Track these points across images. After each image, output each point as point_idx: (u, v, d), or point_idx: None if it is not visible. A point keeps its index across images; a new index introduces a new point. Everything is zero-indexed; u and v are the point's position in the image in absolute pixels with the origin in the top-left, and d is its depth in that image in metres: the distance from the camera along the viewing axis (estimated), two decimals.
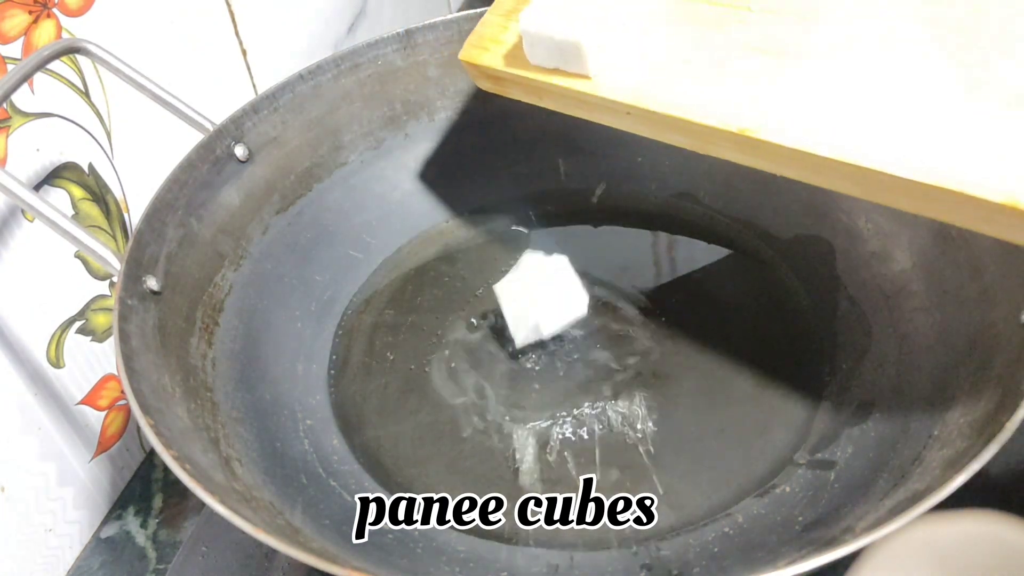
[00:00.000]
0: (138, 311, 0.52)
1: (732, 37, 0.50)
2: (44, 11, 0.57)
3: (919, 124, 0.42)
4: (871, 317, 0.59)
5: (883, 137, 0.42)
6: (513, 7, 0.61)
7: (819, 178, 0.45)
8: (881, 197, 0.43)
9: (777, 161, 0.46)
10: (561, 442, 0.56)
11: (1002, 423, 0.41)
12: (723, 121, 0.46)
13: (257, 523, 0.43)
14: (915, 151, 0.41)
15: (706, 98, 0.48)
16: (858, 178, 0.43)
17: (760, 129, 0.45)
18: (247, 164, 0.65)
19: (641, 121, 0.51)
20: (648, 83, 0.50)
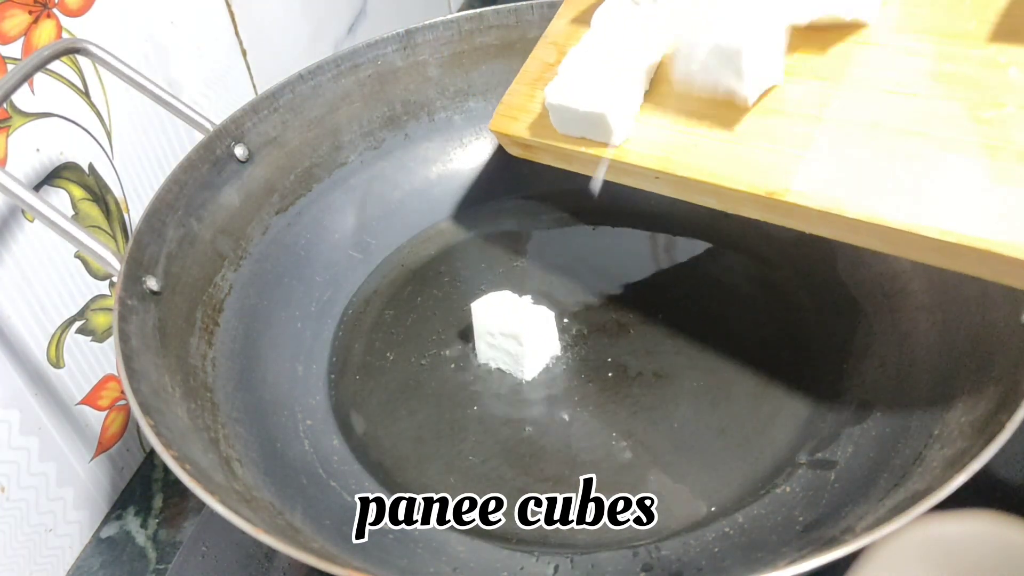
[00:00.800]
0: (138, 311, 0.52)
1: (755, 100, 0.50)
2: (44, 11, 0.57)
3: (941, 181, 0.42)
4: (871, 317, 0.59)
5: (906, 195, 0.43)
6: (538, 76, 0.62)
7: (848, 236, 0.46)
8: (909, 253, 0.44)
9: (806, 221, 0.47)
10: (562, 439, 0.56)
11: (1002, 423, 0.41)
12: (752, 185, 0.47)
13: (257, 523, 0.43)
14: (939, 208, 0.42)
15: (734, 162, 0.49)
16: (885, 237, 0.44)
17: (787, 192, 0.46)
18: (247, 164, 0.65)
19: (670, 184, 0.52)
20: (675, 147, 0.51)
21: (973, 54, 0.45)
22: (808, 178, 0.46)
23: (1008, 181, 0.41)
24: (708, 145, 0.51)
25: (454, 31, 0.72)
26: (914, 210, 0.42)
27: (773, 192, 0.47)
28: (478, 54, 0.73)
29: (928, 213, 0.42)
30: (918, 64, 0.46)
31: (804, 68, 0.50)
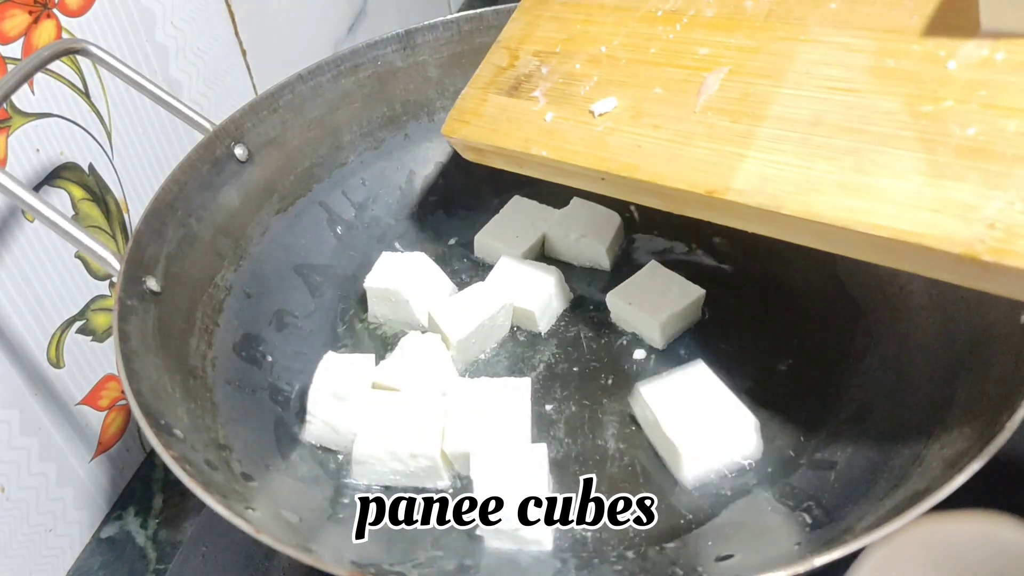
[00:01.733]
0: (138, 311, 0.52)
1: (699, 100, 0.51)
2: (44, 11, 0.57)
3: (878, 177, 0.42)
4: (871, 317, 0.59)
5: (843, 192, 0.43)
6: (491, 80, 0.63)
7: (790, 234, 0.46)
8: (848, 251, 0.45)
9: (746, 220, 0.47)
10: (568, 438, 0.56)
11: (1002, 423, 0.41)
12: (692, 184, 0.48)
13: (257, 523, 0.43)
14: (875, 204, 0.42)
15: (676, 162, 0.49)
16: (824, 234, 0.44)
17: (727, 191, 0.46)
18: (247, 164, 0.65)
19: (614, 185, 0.53)
20: (619, 148, 0.52)
21: (913, 49, 0.45)
22: (748, 177, 0.46)
23: (944, 175, 0.41)
24: (651, 145, 0.51)
25: (454, 31, 0.72)
26: (851, 207, 0.42)
27: (713, 191, 0.47)
28: (478, 54, 0.73)
29: (864, 209, 0.42)
30: (858, 60, 0.47)
31: (748, 67, 0.50)
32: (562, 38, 0.60)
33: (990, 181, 0.39)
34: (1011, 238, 0.38)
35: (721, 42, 0.52)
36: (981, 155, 0.40)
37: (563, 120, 0.56)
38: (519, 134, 0.58)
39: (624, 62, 0.56)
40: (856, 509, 0.46)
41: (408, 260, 0.65)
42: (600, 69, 0.56)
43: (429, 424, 0.53)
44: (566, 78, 0.58)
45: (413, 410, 0.54)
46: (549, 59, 0.60)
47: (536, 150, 0.56)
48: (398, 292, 0.63)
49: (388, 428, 0.53)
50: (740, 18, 0.52)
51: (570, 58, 0.59)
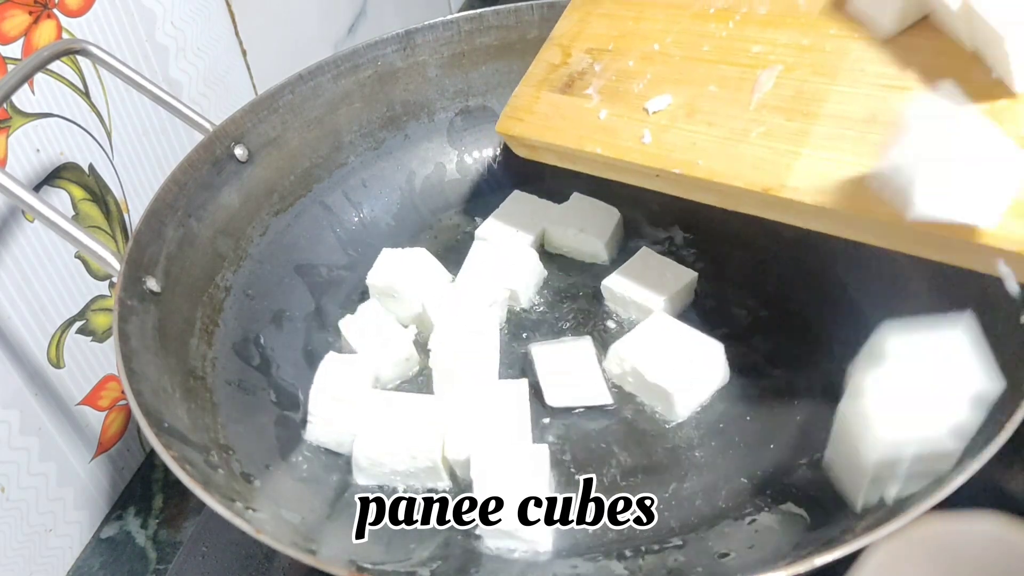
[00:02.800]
0: (138, 312, 0.52)
1: (753, 97, 0.51)
2: (44, 11, 0.57)
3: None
4: (871, 317, 0.59)
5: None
6: (544, 77, 0.63)
7: (843, 230, 0.47)
8: (902, 247, 0.46)
9: (802, 216, 0.48)
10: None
11: (1002, 423, 0.41)
12: (749, 182, 0.48)
13: (257, 524, 0.43)
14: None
15: (732, 159, 0.49)
16: (878, 231, 0.45)
17: (782, 188, 0.47)
18: (247, 165, 0.65)
19: (670, 183, 0.53)
20: (675, 146, 0.52)
21: (966, 48, 0.45)
22: (803, 174, 0.46)
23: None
24: (706, 143, 0.51)
25: (454, 32, 0.72)
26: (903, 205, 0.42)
27: (769, 188, 0.47)
28: (478, 55, 0.73)
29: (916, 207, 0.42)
30: (913, 57, 0.46)
31: (801, 64, 0.50)
32: (615, 35, 0.60)
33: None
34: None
35: (774, 39, 0.52)
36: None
37: (617, 117, 0.56)
38: (573, 131, 0.58)
39: (677, 59, 0.55)
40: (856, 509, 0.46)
41: (409, 256, 0.65)
42: (653, 67, 0.56)
43: (429, 425, 0.53)
44: (619, 75, 0.58)
45: (413, 411, 0.54)
46: (602, 56, 0.60)
47: (591, 147, 0.56)
48: (400, 288, 0.63)
49: (388, 429, 0.53)
50: (793, 15, 0.52)
51: (623, 55, 0.59)
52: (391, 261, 0.65)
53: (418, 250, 0.66)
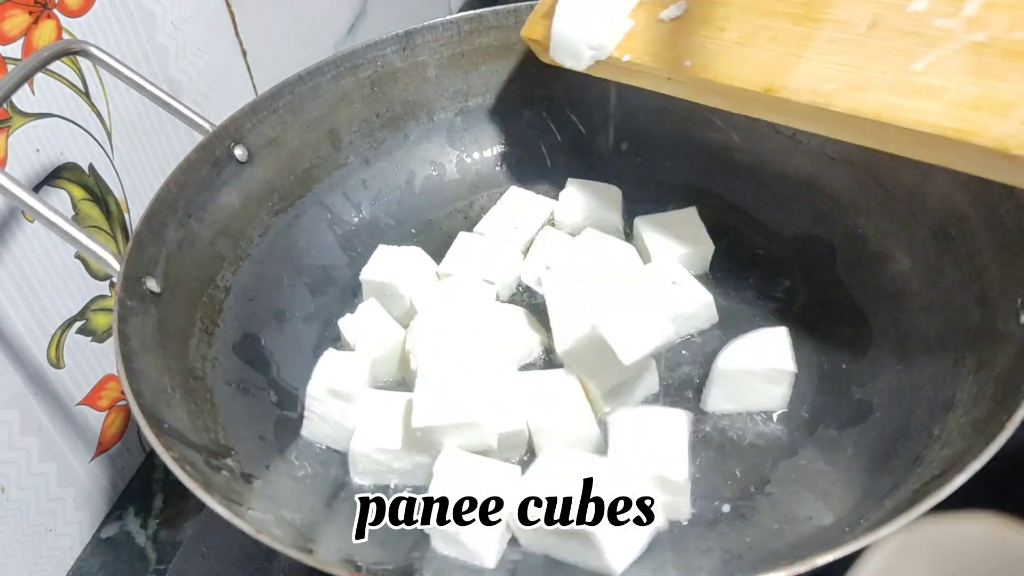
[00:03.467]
0: (138, 312, 0.52)
1: (759, 3, 0.53)
2: (44, 11, 0.57)
3: (926, 77, 0.45)
4: (871, 317, 0.59)
5: (892, 91, 0.45)
6: None
7: (837, 131, 0.49)
8: (890, 146, 0.47)
9: (799, 117, 0.50)
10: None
11: (1002, 423, 0.41)
12: (751, 82, 0.51)
13: (257, 524, 0.43)
14: (920, 103, 0.44)
15: (737, 62, 0.52)
16: (870, 131, 0.46)
17: (783, 89, 0.50)
18: (246, 165, 0.65)
19: (679, 85, 0.56)
20: (685, 48, 0.55)
21: None
22: (802, 76, 0.49)
23: (987, 75, 0.43)
24: (714, 46, 0.54)
25: (454, 32, 0.72)
26: (897, 104, 0.45)
27: (769, 88, 0.50)
28: (477, 55, 0.73)
29: (910, 107, 0.44)
30: None
31: None
32: None
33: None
34: None
35: None
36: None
37: (637, 22, 0.58)
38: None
39: None
40: (856, 509, 0.46)
41: (404, 254, 0.65)
42: None
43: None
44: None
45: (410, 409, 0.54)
46: None
47: (616, 52, 0.59)
48: (393, 286, 0.63)
49: (386, 426, 0.53)
50: None
51: None
52: (386, 258, 0.65)
53: (413, 248, 0.66)
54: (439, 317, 0.58)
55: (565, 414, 0.53)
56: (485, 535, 0.47)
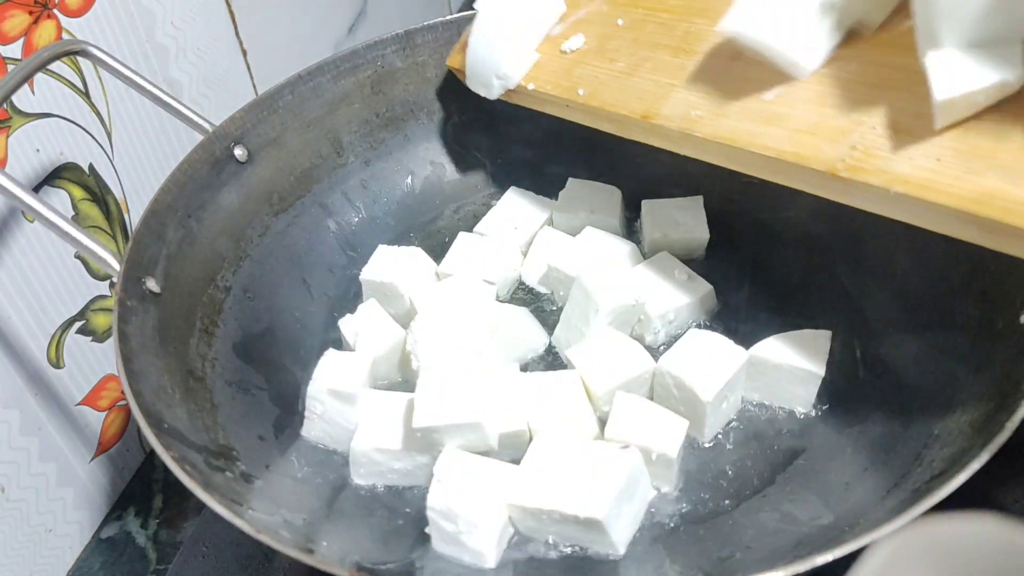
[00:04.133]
0: (138, 312, 0.52)
1: (645, 36, 0.58)
2: (44, 12, 0.57)
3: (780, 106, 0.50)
4: (871, 317, 0.59)
5: (750, 119, 0.50)
6: None
7: (703, 154, 0.53)
8: (749, 169, 0.51)
9: (673, 141, 0.54)
10: None
11: (1002, 423, 0.41)
12: (632, 109, 0.56)
13: (257, 523, 0.43)
14: (775, 131, 0.49)
15: (623, 91, 0.57)
16: (727, 154, 0.51)
17: (657, 116, 0.54)
18: (246, 165, 0.65)
19: (577, 111, 0.60)
20: (582, 79, 0.59)
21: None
22: (675, 104, 0.54)
23: (828, 104, 0.47)
24: (604, 76, 0.59)
25: (454, 31, 0.72)
26: (750, 130, 0.49)
27: (646, 115, 0.55)
28: None
29: (760, 133, 0.49)
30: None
31: (691, 8, 0.57)
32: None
33: (861, 109, 0.46)
34: (867, 158, 0.44)
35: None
36: (858, 88, 0.47)
37: (543, 54, 0.63)
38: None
39: (604, 12, 0.63)
40: (856, 508, 0.46)
41: (404, 254, 0.65)
42: (576, 11, 0.64)
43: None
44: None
45: (410, 409, 0.54)
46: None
47: (523, 82, 0.63)
48: (393, 286, 0.63)
49: (386, 426, 0.53)
50: None
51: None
52: (386, 258, 0.65)
53: (413, 248, 0.66)
54: (439, 317, 0.58)
55: (566, 415, 0.53)
56: (485, 535, 0.47)
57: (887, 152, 0.44)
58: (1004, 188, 0.40)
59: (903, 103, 0.45)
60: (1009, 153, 0.40)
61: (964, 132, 0.42)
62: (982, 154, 0.41)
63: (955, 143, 0.42)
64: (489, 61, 0.63)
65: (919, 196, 0.42)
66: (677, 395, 0.54)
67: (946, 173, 0.41)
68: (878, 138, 0.44)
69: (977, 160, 0.41)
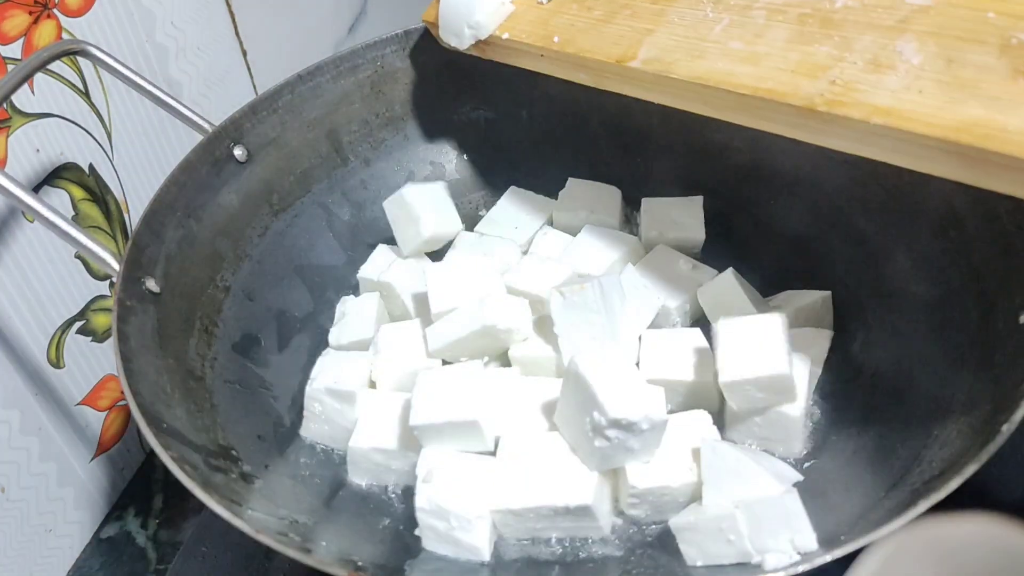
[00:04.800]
0: (137, 312, 0.52)
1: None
2: (44, 11, 0.57)
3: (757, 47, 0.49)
4: (871, 317, 0.59)
5: (724, 60, 0.49)
6: None
7: (680, 101, 0.52)
8: (726, 113, 0.50)
9: (646, 87, 0.53)
10: None
11: (1001, 423, 0.41)
12: (607, 55, 0.55)
13: (257, 523, 0.43)
14: (751, 69, 0.48)
15: (598, 37, 0.56)
16: (704, 97, 0.50)
17: (633, 59, 0.54)
18: (246, 165, 0.65)
19: (552, 62, 0.59)
20: (558, 27, 0.59)
21: None
22: (651, 48, 0.53)
23: (807, 42, 0.47)
24: (581, 23, 0.58)
25: None
26: (728, 70, 0.48)
27: (621, 59, 0.54)
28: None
29: (738, 72, 0.48)
30: None
31: None
32: None
33: (842, 45, 0.46)
34: (847, 91, 0.44)
35: None
36: (842, 25, 0.46)
37: (517, 5, 0.63)
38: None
39: None
40: (855, 509, 0.46)
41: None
42: None
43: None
44: None
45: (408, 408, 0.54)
46: None
47: (496, 32, 0.62)
48: (390, 285, 0.63)
49: (384, 426, 0.53)
50: None
51: None
52: (385, 258, 0.65)
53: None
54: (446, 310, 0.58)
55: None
56: (479, 529, 0.48)
57: (867, 86, 0.43)
58: (986, 115, 0.39)
59: (885, 39, 0.44)
60: (992, 83, 0.40)
61: (947, 64, 0.42)
62: (964, 84, 0.41)
63: (938, 75, 0.42)
64: (463, 8, 0.62)
65: (899, 127, 0.41)
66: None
67: (927, 104, 0.41)
68: (859, 72, 0.44)
69: (959, 90, 0.41)
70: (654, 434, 0.46)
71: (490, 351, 0.56)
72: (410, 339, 0.57)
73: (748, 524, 0.44)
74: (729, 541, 0.45)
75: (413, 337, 0.57)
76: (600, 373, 0.46)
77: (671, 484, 0.48)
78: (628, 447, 0.46)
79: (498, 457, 0.50)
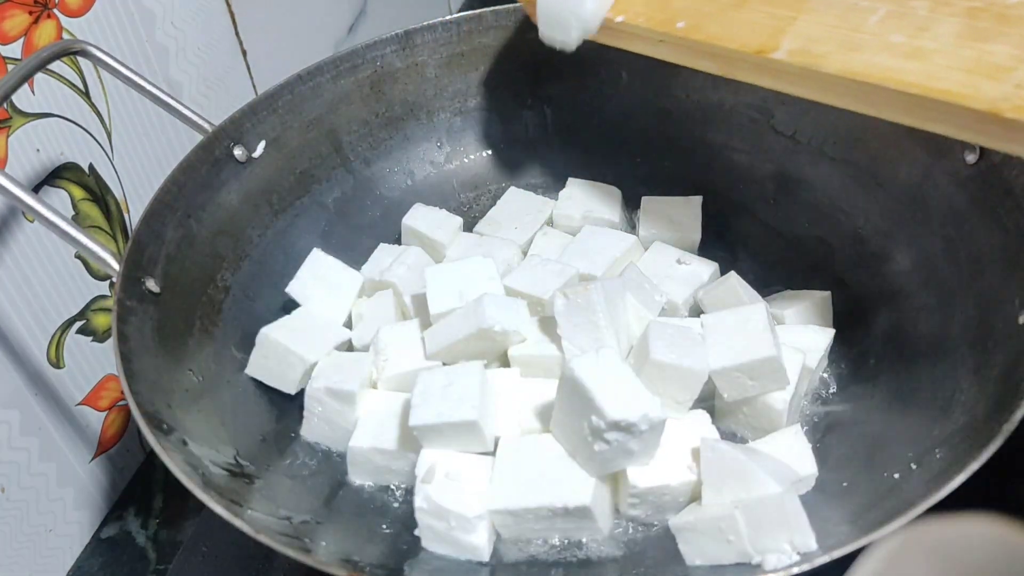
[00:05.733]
0: (137, 312, 0.52)
1: None
2: (44, 11, 0.57)
3: (921, 40, 0.45)
4: (871, 318, 0.59)
5: (885, 53, 0.45)
6: None
7: (827, 95, 0.48)
8: (884, 111, 0.46)
9: (790, 80, 0.49)
10: None
11: (1002, 423, 0.41)
12: (744, 44, 0.50)
13: (257, 523, 0.43)
14: (914, 65, 0.44)
15: (732, 24, 0.52)
16: (859, 93, 0.46)
17: (776, 50, 0.49)
18: (246, 165, 0.65)
19: (672, 48, 0.55)
20: (680, 11, 0.54)
21: None
22: (795, 38, 0.49)
23: (982, 39, 0.43)
24: (708, 8, 0.53)
25: (453, 32, 0.72)
26: (889, 66, 0.44)
27: (762, 50, 0.49)
28: (477, 55, 0.73)
29: (901, 68, 0.44)
30: None
31: None
32: None
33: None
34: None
35: None
36: (1020, 23, 0.42)
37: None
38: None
39: None
40: (856, 509, 0.46)
41: (404, 253, 0.65)
42: None
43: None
44: None
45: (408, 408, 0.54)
46: None
47: (608, 14, 0.57)
48: (392, 284, 0.63)
49: (384, 426, 0.53)
50: None
51: None
52: (386, 258, 0.65)
53: (413, 248, 0.66)
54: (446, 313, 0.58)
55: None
56: (479, 528, 0.48)
57: None
58: None
59: None
60: None
61: None
62: None
63: None
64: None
65: None
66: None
67: None
68: None
69: None
70: (653, 435, 0.46)
71: (488, 353, 0.55)
72: (410, 339, 0.57)
73: (747, 524, 0.44)
74: (729, 541, 0.45)
75: (413, 337, 0.57)
76: (597, 377, 0.46)
77: (671, 484, 0.48)
78: (627, 450, 0.46)
79: (497, 457, 0.50)
